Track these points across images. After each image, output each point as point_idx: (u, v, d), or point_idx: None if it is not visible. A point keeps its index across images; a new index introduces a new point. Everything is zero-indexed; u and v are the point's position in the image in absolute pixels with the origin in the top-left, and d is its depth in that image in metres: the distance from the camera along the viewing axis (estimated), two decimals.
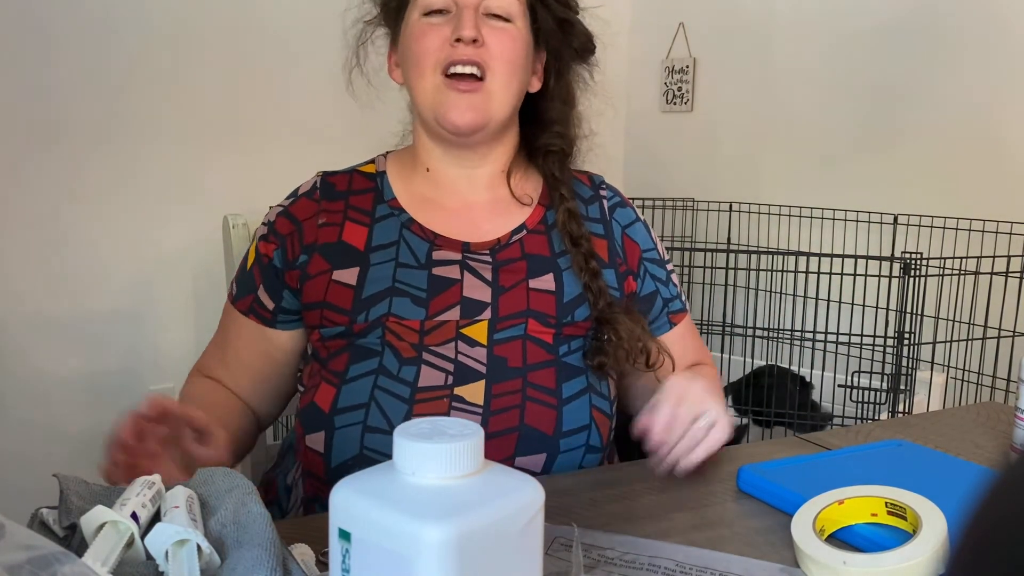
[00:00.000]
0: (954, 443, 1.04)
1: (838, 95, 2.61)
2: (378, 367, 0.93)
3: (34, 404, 2.25)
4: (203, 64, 2.40)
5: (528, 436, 0.92)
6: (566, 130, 1.06)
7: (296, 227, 1.02)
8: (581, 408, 0.95)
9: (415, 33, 0.99)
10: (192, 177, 2.41)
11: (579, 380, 0.97)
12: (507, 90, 0.99)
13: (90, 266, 2.30)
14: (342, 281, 0.98)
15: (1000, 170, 2.25)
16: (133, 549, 0.61)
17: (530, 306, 0.98)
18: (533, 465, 0.92)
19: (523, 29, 1.01)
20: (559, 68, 1.06)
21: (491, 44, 0.97)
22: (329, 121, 2.56)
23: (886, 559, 0.67)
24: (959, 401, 2.07)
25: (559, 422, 0.93)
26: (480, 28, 0.97)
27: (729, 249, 2.46)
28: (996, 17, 2.25)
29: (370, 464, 0.91)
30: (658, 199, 2.78)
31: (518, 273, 1.00)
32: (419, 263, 0.99)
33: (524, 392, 0.93)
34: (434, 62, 0.98)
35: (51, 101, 2.20)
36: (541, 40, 1.04)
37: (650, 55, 3.14)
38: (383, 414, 0.91)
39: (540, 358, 0.96)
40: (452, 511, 0.46)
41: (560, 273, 1.01)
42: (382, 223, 1.02)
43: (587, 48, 1.07)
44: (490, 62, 0.97)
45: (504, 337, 0.96)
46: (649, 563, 0.70)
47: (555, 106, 1.06)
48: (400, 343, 0.94)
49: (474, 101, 0.97)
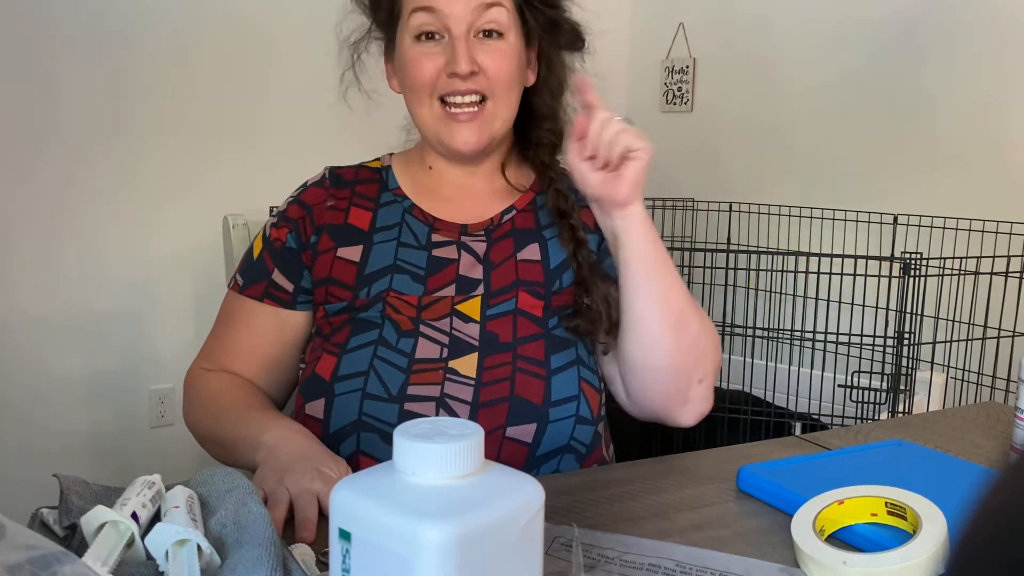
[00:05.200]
0: (954, 443, 1.04)
1: (838, 94, 2.61)
2: (378, 338, 0.96)
3: (34, 404, 2.25)
4: (203, 65, 2.40)
5: (518, 406, 0.95)
6: (555, 124, 1.08)
7: (307, 211, 1.05)
8: (569, 379, 0.98)
9: (409, 60, 1.01)
10: (192, 177, 2.41)
11: (568, 352, 0.99)
12: (507, 105, 1.02)
13: (90, 266, 2.30)
14: (346, 258, 1.02)
15: (1000, 170, 2.25)
16: (133, 549, 0.61)
17: (519, 276, 1.02)
18: (524, 435, 0.94)
19: (515, 41, 1.02)
20: (550, 57, 1.08)
21: (488, 68, 0.99)
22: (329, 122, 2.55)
23: (886, 559, 0.67)
24: (959, 401, 2.07)
25: (548, 392, 0.96)
26: (475, 55, 0.98)
27: (729, 249, 2.46)
28: (996, 17, 2.25)
29: (368, 429, 0.93)
30: (658, 199, 2.78)
31: (507, 248, 1.04)
32: (419, 244, 1.03)
33: (515, 364, 0.96)
34: (431, 91, 1.00)
35: (51, 102, 2.20)
36: (532, 39, 1.06)
37: (650, 55, 3.14)
38: (381, 382, 0.94)
39: (530, 331, 0.99)
40: (452, 511, 0.46)
41: (545, 243, 1.05)
42: (385, 208, 1.06)
43: (576, 42, 1.08)
44: (488, 87, 1.00)
45: (496, 313, 0.99)
46: (649, 563, 0.70)
47: (544, 100, 1.08)
48: (399, 316, 0.98)
49: (476, 126, 1.00)
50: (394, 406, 0.92)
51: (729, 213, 2.79)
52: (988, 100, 2.27)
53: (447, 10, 0.98)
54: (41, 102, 2.19)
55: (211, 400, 1.02)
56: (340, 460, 0.86)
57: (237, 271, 1.08)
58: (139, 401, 2.41)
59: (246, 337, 1.06)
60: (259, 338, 1.06)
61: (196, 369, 1.08)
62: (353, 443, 0.93)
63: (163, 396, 2.43)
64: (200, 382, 1.06)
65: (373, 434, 0.93)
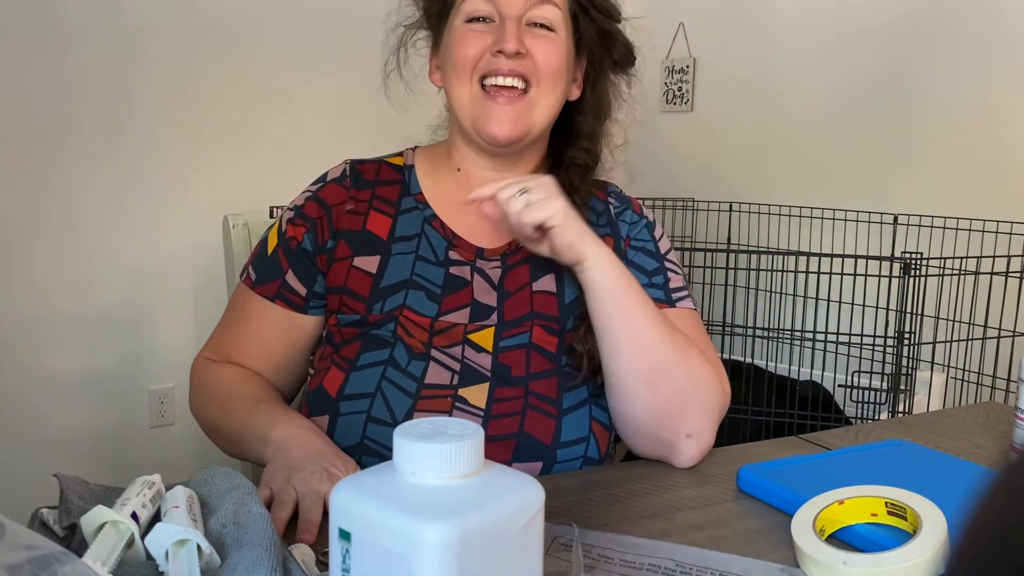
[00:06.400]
0: (954, 443, 1.03)
1: (838, 95, 2.61)
2: (388, 358, 0.94)
3: (34, 403, 2.25)
4: (204, 65, 2.40)
5: (526, 444, 0.93)
6: (594, 146, 1.06)
7: (326, 211, 1.03)
8: (580, 419, 0.95)
9: (457, 39, 0.99)
10: (192, 177, 2.41)
11: (581, 391, 0.97)
12: (549, 100, 1.00)
13: (90, 266, 2.30)
14: (363, 268, 1.00)
15: (1000, 170, 2.25)
16: (133, 549, 0.61)
17: (534, 308, 0.99)
18: (529, 472, 0.92)
19: (565, 39, 1.01)
20: (596, 77, 1.06)
21: (535, 54, 0.97)
22: (330, 122, 2.56)
23: (886, 559, 0.67)
24: (959, 401, 2.07)
25: (558, 432, 0.94)
26: (523, 39, 0.97)
27: (729, 249, 2.46)
28: (996, 17, 2.25)
29: (369, 453, 0.92)
30: (658, 199, 2.78)
31: (522, 276, 1.01)
32: (437, 260, 1.01)
33: (526, 400, 0.94)
34: (474, 70, 0.98)
35: (55, 104, 2.20)
36: (583, 49, 1.04)
37: (650, 55, 3.14)
38: (387, 406, 0.92)
39: (543, 367, 0.96)
40: (452, 511, 0.46)
41: (562, 275, 1.01)
42: (406, 215, 1.03)
43: (627, 59, 1.06)
44: (534, 72, 0.98)
45: (509, 345, 0.97)
46: (649, 563, 0.70)
47: (587, 120, 1.05)
48: (411, 340, 0.96)
49: (515, 112, 0.97)
50: None
51: (729, 213, 2.79)
52: (988, 100, 2.27)
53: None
54: (45, 105, 2.19)
55: (218, 392, 1.01)
56: (349, 459, 0.86)
57: (249, 262, 1.06)
58: (139, 401, 2.41)
59: (255, 334, 1.04)
60: (267, 336, 1.04)
61: (202, 359, 1.07)
62: None
63: (163, 396, 2.43)
64: (207, 373, 1.05)
65: (375, 459, 0.91)
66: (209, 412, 1.02)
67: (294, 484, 0.79)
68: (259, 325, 1.04)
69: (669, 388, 0.92)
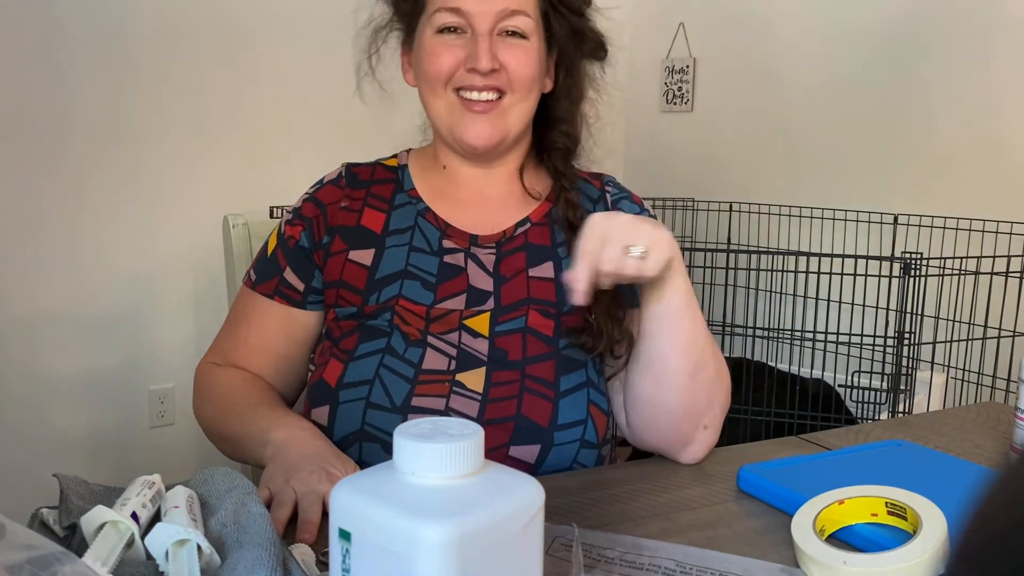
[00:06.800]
0: (954, 443, 1.03)
1: (838, 95, 2.61)
2: (385, 347, 0.96)
3: (34, 403, 2.25)
4: (204, 64, 2.40)
5: (524, 426, 0.93)
6: (572, 128, 1.07)
7: (321, 210, 1.05)
8: (578, 402, 0.96)
9: (428, 52, 1.00)
10: (192, 177, 2.41)
11: (578, 374, 0.98)
12: (524, 105, 1.01)
13: (90, 266, 2.30)
14: (358, 261, 1.01)
15: (1000, 170, 2.25)
16: (133, 549, 0.61)
17: (530, 294, 1.00)
18: (527, 455, 0.93)
19: (537, 44, 1.01)
20: (568, 66, 1.07)
21: (508, 65, 0.98)
22: (330, 122, 2.56)
23: (886, 559, 0.67)
24: (959, 401, 2.07)
25: (555, 415, 0.95)
26: (496, 51, 0.97)
27: (729, 249, 2.46)
28: (996, 17, 2.25)
29: (370, 439, 0.92)
30: (658, 199, 2.79)
31: (519, 263, 1.02)
32: (431, 249, 1.02)
33: (523, 383, 0.95)
34: (448, 83, 0.99)
35: (57, 106, 2.20)
36: (554, 46, 1.05)
37: (650, 55, 3.13)
38: (386, 392, 0.93)
39: (540, 351, 0.97)
40: (452, 511, 0.46)
41: (559, 261, 1.03)
42: (399, 210, 1.05)
43: (599, 50, 1.07)
44: (508, 83, 0.99)
45: (505, 329, 0.98)
46: (649, 563, 0.70)
47: (563, 105, 1.06)
48: (407, 328, 0.97)
49: (491, 120, 0.99)
50: (397, 416, 0.92)
51: (729, 213, 2.79)
52: (988, 100, 2.27)
53: (474, 10, 0.97)
54: (44, 105, 2.19)
55: (220, 395, 1.02)
56: (348, 459, 0.86)
57: (251, 267, 1.08)
58: (139, 401, 2.41)
59: (256, 334, 1.06)
60: (268, 335, 1.05)
61: (206, 364, 1.08)
62: (356, 452, 0.92)
63: (163, 396, 2.43)
64: (210, 377, 1.06)
65: (375, 444, 0.92)
66: (211, 416, 1.02)
67: (293, 484, 0.79)
68: (259, 325, 1.05)
69: (704, 379, 0.94)
